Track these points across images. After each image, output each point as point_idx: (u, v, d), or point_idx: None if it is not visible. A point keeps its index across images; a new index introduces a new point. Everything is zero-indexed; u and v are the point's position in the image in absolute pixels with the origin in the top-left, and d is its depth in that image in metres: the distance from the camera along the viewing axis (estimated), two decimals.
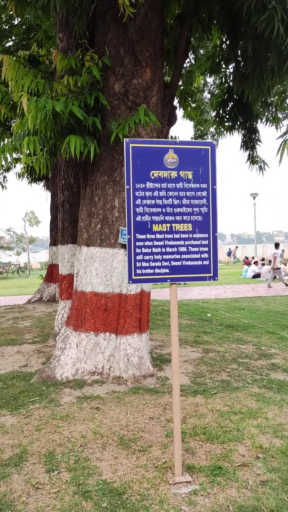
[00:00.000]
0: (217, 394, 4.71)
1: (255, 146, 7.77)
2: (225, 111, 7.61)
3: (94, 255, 5.42)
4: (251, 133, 7.68)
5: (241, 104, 7.21)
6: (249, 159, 7.92)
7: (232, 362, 6.03)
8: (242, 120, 7.58)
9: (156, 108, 5.53)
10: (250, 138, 7.70)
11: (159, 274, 3.15)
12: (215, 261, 3.24)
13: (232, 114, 7.53)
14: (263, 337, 7.88)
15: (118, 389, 4.85)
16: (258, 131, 7.71)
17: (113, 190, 5.45)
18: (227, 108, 7.56)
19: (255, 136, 7.72)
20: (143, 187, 3.10)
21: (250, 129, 7.63)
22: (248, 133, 7.69)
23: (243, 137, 7.79)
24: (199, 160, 3.17)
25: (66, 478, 3.09)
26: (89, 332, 5.31)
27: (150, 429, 3.86)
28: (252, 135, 7.69)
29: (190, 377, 5.35)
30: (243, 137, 7.80)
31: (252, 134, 7.68)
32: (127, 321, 5.37)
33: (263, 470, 3.19)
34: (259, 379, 5.28)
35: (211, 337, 7.68)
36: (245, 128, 7.65)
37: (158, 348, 6.72)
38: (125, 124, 4.96)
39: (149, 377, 5.14)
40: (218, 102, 7.74)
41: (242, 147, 7.89)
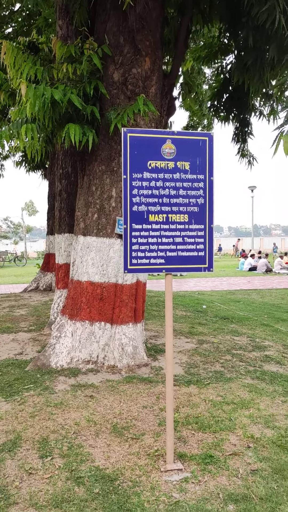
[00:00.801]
0: (210, 385, 4.75)
1: (246, 139, 7.76)
2: (220, 102, 7.58)
3: (91, 245, 5.42)
4: (244, 126, 7.67)
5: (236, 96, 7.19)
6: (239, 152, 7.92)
7: (226, 353, 6.07)
8: (236, 112, 7.56)
9: (155, 98, 5.50)
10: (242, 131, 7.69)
11: (154, 264, 3.15)
12: (211, 252, 3.25)
13: (227, 105, 7.51)
14: (257, 329, 7.93)
15: (112, 378, 4.89)
16: (250, 124, 7.70)
17: (110, 180, 5.43)
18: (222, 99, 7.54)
19: (247, 129, 7.70)
20: (140, 177, 3.10)
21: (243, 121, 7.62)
22: (241, 126, 7.67)
23: (235, 129, 7.78)
24: (197, 151, 3.17)
25: (59, 464, 3.12)
26: (85, 321, 5.33)
27: (143, 417, 3.89)
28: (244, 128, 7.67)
29: (184, 367, 5.39)
30: (235, 129, 7.79)
31: (244, 127, 7.67)
32: (122, 311, 5.39)
33: (254, 459, 3.23)
34: (252, 371, 5.32)
35: (206, 328, 7.72)
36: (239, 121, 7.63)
37: (153, 338, 6.75)
38: (123, 114, 4.94)
39: (143, 367, 5.17)
40: (214, 93, 7.70)
41: (233, 139, 7.88)
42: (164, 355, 5.79)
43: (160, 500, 2.75)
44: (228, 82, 7.06)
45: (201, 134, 3.20)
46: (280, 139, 4.56)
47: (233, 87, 7.05)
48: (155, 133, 3.14)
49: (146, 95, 5.32)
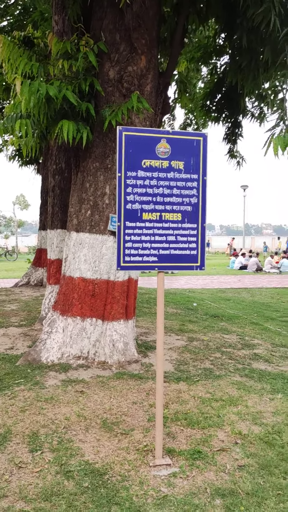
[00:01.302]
0: (199, 382, 4.80)
1: (236, 140, 7.81)
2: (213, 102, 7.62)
3: (83, 241, 5.44)
4: (235, 127, 7.71)
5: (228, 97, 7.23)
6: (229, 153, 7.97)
7: (216, 351, 6.13)
8: (228, 113, 7.60)
9: (150, 96, 5.52)
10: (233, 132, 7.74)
11: (147, 262, 3.19)
12: (203, 251, 3.29)
13: (219, 106, 7.55)
14: (247, 327, 8.00)
15: (103, 374, 4.92)
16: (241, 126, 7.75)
17: (104, 177, 5.44)
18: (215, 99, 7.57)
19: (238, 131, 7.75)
20: (135, 175, 3.12)
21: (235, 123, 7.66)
22: (232, 127, 7.72)
23: (227, 130, 7.82)
24: (191, 151, 3.20)
25: (49, 458, 3.15)
26: (76, 317, 5.35)
27: (133, 413, 3.93)
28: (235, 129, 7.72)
29: (174, 364, 5.44)
30: (226, 130, 7.83)
31: (235, 128, 7.71)
32: (114, 307, 5.42)
33: (241, 455, 3.29)
34: (241, 368, 5.39)
35: (196, 326, 7.78)
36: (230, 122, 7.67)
37: (144, 335, 6.79)
38: (118, 110, 4.94)
39: (133, 363, 5.21)
40: (207, 93, 7.73)
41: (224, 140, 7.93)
42: (154, 352, 5.83)
43: (149, 494, 2.79)
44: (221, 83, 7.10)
45: (195, 134, 3.23)
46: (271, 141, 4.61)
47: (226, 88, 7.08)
48: (150, 132, 3.17)
49: (141, 93, 5.33)
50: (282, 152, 4.32)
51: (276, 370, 5.40)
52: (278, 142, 4.25)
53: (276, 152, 4.39)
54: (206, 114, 7.73)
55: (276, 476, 3.03)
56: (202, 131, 9.90)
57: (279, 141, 4.24)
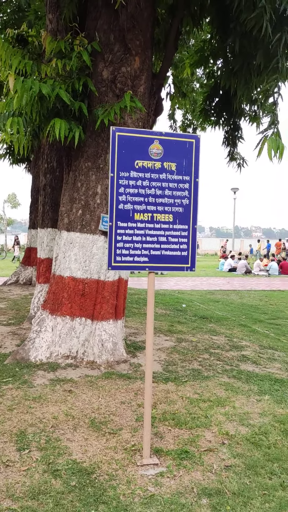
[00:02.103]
0: (187, 382, 4.83)
1: (236, 143, 7.84)
2: (211, 106, 7.65)
3: (74, 240, 5.43)
4: (234, 130, 7.74)
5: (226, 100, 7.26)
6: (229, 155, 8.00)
7: (204, 352, 6.16)
8: (227, 116, 7.63)
9: (144, 97, 5.54)
10: (233, 135, 7.77)
11: (138, 262, 3.20)
12: (193, 252, 3.31)
13: (217, 109, 7.57)
14: (235, 329, 8.05)
15: (91, 374, 4.92)
16: (241, 128, 7.78)
17: (96, 177, 5.45)
18: (213, 103, 7.60)
19: (237, 133, 7.78)
20: (127, 176, 3.13)
21: (234, 126, 7.70)
22: (231, 130, 7.75)
23: (226, 133, 7.84)
24: (183, 153, 3.22)
25: (37, 457, 3.14)
26: (65, 316, 5.34)
27: (121, 413, 3.94)
28: (234, 132, 7.75)
29: (162, 364, 5.46)
30: (225, 133, 7.85)
31: (235, 131, 7.75)
32: (103, 307, 5.42)
33: (228, 456, 3.31)
34: (229, 370, 5.42)
35: (185, 327, 7.81)
36: (229, 125, 7.70)
37: (133, 335, 6.80)
38: (111, 110, 4.95)
39: (122, 363, 5.22)
40: (204, 97, 7.76)
41: (224, 143, 7.95)
42: (143, 352, 5.84)
43: (136, 494, 2.81)
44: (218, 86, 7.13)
45: (188, 136, 3.26)
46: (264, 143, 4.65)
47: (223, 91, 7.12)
48: (143, 133, 3.18)
49: (135, 94, 5.35)
50: (275, 155, 4.36)
51: (263, 371, 5.45)
52: (271, 144, 4.29)
53: (270, 155, 4.44)
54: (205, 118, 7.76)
55: (262, 477, 3.06)
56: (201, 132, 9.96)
57: (272, 144, 4.28)
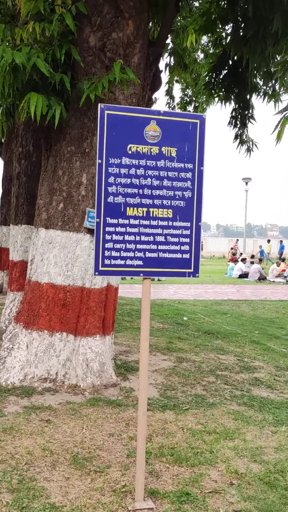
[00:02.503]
0: (189, 410, 4.84)
1: (246, 124, 7.85)
2: (217, 79, 7.66)
3: (54, 240, 5.44)
4: (244, 109, 7.75)
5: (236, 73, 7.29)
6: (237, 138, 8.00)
7: (209, 374, 6.18)
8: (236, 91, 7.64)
9: (138, 69, 5.56)
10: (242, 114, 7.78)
11: (131, 266, 3.21)
12: (197, 254, 3.33)
13: (225, 83, 7.59)
14: (246, 347, 8.08)
15: (74, 400, 4.92)
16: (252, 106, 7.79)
17: (81, 164, 5.46)
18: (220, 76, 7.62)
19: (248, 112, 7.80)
20: (118, 163, 3.15)
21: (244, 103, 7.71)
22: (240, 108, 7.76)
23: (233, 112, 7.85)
24: (185, 136, 3.24)
25: (7, 500, 3.14)
26: (43, 331, 5.34)
27: (109, 447, 3.94)
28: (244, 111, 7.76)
29: (159, 389, 5.47)
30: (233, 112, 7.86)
31: (245, 110, 7.76)
32: (88, 320, 5.43)
33: (237, 498, 3.33)
34: (239, 395, 5.44)
35: (187, 344, 7.82)
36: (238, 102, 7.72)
37: (124, 354, 6.81)
38: (98, 83, 4.96)
39: (111, 387, 5.22)
40: (210, 68, 7.78)
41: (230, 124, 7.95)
42: (136, 374, 5.85)
43: None
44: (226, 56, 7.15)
45: (191, 116, 3.28)
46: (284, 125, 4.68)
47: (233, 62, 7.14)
48: (138, 111, 3.20)
49: (128, 65, 5.36)
50: None
51: (280, 398, 5.47)
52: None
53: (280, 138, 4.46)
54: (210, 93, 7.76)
55: None
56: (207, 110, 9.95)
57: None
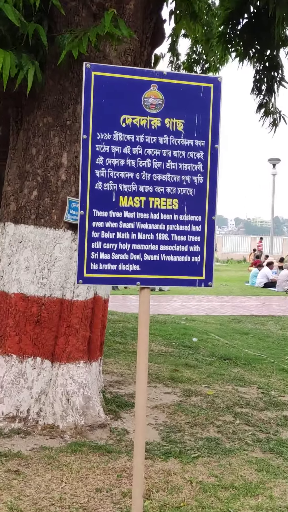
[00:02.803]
0: (199, 458, 4.83)
1: (273, 89, 7.83)
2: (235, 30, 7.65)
3: (26, 238, 5.43)
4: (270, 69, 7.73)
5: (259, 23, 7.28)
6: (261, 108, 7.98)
7: (226, 411, 6.17)
8: (259, 46, 7.62)
9: (135, 18, 5.57)
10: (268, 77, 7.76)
11: (124, 273, 3.20)
12: (210, 257, 3.32)
13: (245, 36, 7.57)
14: (273, 376, 8.07)
15: (50, 444, 4.90)
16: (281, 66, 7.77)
17: (60, 140, 5.46)
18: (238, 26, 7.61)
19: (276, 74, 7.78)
20: (109, 139, 3.14)
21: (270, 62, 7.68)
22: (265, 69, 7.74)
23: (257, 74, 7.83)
24: (196, 104, 3.24)
25: None
26: (11, 356, 5.33)
27: (96, 505, 3.93)
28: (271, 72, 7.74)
29: (161, 431, 5.46)
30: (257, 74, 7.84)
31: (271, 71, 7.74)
32: (70, 341, 5.42)
33: None
34: (264, 439, 5.43)
35: (196, 372, 7.81)
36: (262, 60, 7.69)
37: (115, 385, 6.80)
38: (83, 37, 4.96)
39: (98, 429, 5.20)
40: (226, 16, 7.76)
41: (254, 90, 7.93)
42: (131, 412, 5.84)
43: None
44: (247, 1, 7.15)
45: (203, 79, 3.28)
46: None
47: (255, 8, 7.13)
48: (134, 73, 3.20)
49: (121, 13, 5.37)
50: None
51: None
52: None
53: None
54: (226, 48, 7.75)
55: None
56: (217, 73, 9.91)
57: None
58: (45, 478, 4.27)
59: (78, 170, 5.29)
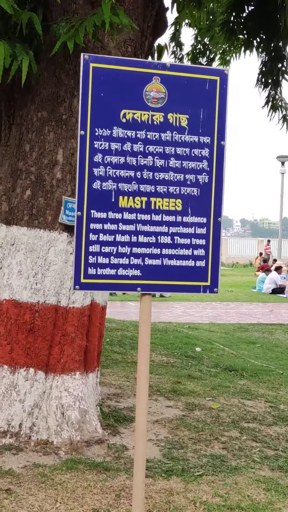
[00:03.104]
0: (203, 477, 4.82)
1: (280, 81, 7.83)
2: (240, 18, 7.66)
3: (18, 240, 5.43)
4: (277, 60, 7.73)
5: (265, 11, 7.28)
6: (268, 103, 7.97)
7: (232, 427, 6.16)
8: (265, 36, 7.63)
9: (135, 6, 5.58)
10: (274, 68, 7.76)
11: (124, 278, 3.20)
12: (216, 261, 3.32)
13: (250, 24, 7.58)
14: (282, 389, 8.06)
15: (44, 462, 4.90)
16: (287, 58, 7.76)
17: (56, 136, 5.46)
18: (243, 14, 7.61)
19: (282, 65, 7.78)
20: (108, 135, 3.15)
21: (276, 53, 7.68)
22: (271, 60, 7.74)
23: (264, 66, 7.83)
24: (201, 98, 3.25)
25: None
26: (2, 366, 5.33)
27: None
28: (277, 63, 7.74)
29: (162, 447, 5.45)
30: (262, 65, 7.84)
31: (277, 62, 7.73)
32: (65, 351, 5.42)
33: None
34: (272, 456, 5.43)
35: (200, 385, 7.81)
36: (268, 51, 7.69)
37: (113, 398, 6.80)
38: (80, 27, 4.97)
39: (95, 445, 5.19)
40: (230, 3, 7.76)
41: (259, 82, 7.93)
42: (130, 427, 5.83)
43: None
44: None
45: (209, 71, 3.29)
46: None
47: None
48: (135, 64, 3.21)
49: (121, 1, 5.38)
50: None
51: None
52: None
53: None
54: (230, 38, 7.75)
55: None
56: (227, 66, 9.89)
57: None
58: (39, 498, 4.26)
59: (74, 168, 5.30)
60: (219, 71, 3.30)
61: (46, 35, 5.30)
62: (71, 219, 5.34)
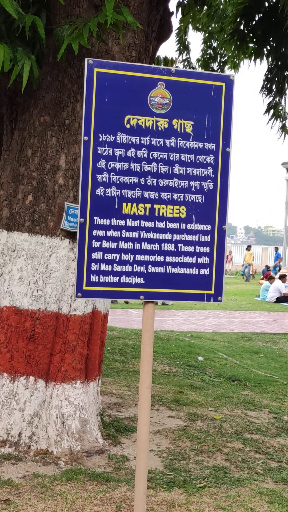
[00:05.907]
0: (206, 489, 4.81)
1: (284, 89, 7.86)
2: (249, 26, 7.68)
3: (19, 247, 5.44)
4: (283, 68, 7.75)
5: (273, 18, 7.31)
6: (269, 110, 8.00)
7: (235, 438, 6.15)
8: (274, 43, 7.66)
9: (140, 10, 5.60)
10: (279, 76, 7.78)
11: (127, 286, 3.21)
12: (220, 269, 3.33)
13: (259, 32, 7.61)
14: (286, 400, 8.05)
15: (44, 472, 4.89)
16: None
17: (58, 141, 5.48)
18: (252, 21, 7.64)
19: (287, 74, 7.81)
20: (112, 141, 3.16)
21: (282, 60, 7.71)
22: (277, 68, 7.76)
23: (269, 72, 7.86)
24: (206, 104, 3.26)
25: None
26: (1, 374, 5.33)
27: None
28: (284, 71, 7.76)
29: (163, 458, 5.44)
30: (268, 72, 7.87)
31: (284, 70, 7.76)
32: (66, 359, 5.42)
33: None
34: (276, 468, 5.42)
35: (203, 395, 7.80)
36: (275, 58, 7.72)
37: (114, 407, 6.79)
38: (84, 28, 4.98)
39: (96, 455, 5.19)
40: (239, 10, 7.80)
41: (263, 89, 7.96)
42: (131, 437, 5.83)
43: None
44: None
45: (214, 77, 3.30)
46: None
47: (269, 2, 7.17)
48: (140, 70, 3.22)
49: (126, 5, 5.40)
50: None
51: None
52: None
53: None
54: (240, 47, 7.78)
55: None
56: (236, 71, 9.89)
57: None
58: (38, 509, 4.26)
59: (77, 173, 5.32)
60: (224, 77, 3.32)
61: (49, 38, 5.33)
62: (73, 225, 5.35)
